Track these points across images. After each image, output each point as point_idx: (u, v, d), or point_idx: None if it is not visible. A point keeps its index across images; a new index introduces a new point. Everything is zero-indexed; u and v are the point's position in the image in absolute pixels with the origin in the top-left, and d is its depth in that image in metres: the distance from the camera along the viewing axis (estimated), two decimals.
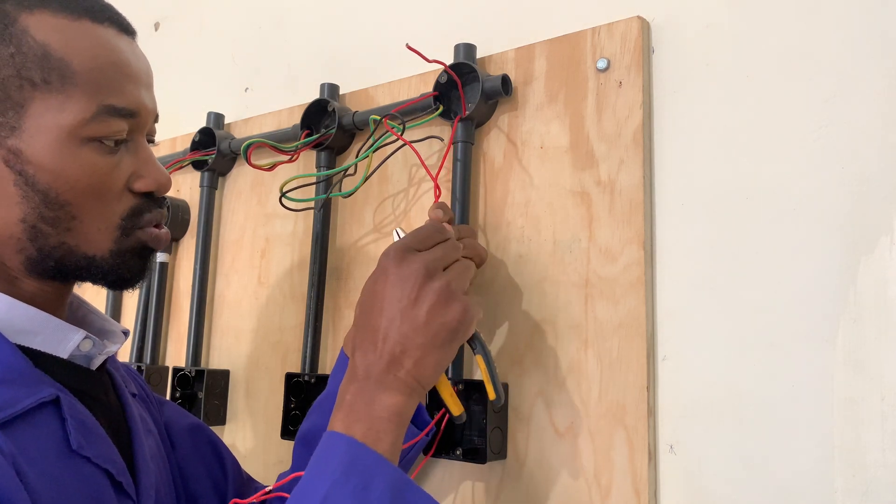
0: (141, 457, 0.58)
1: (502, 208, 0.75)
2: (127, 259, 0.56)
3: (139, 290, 1.07)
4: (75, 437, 0.50)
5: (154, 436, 0.64)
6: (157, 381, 1.01)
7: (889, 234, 0.57)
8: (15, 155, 0.51)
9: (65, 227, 0.53)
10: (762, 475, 0.59)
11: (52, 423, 0.50)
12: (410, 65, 0.84)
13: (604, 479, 0.64)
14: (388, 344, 0.55)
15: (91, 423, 0.53)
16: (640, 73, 0.68)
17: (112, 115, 0.53)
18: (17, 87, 0.50)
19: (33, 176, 0.51)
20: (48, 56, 0.51)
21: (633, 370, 0.64)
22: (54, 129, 0.51)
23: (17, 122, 0.51)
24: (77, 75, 0.52)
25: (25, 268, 0.54)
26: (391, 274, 0.57)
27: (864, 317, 0.57)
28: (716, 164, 0.65)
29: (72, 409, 0.52)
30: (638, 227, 0.66)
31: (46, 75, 0.51)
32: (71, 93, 0.51)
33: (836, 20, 0.61)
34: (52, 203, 0.52)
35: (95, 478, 0.51)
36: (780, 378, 0.59)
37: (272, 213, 0.96)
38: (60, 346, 0.55)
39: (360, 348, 0.57)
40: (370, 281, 0.59)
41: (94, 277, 0.56)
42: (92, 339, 0.57)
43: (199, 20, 1.20)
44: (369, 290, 0.58)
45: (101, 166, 0.53)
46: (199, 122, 1.03)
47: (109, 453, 0.53)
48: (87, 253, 0.54)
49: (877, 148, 0.58)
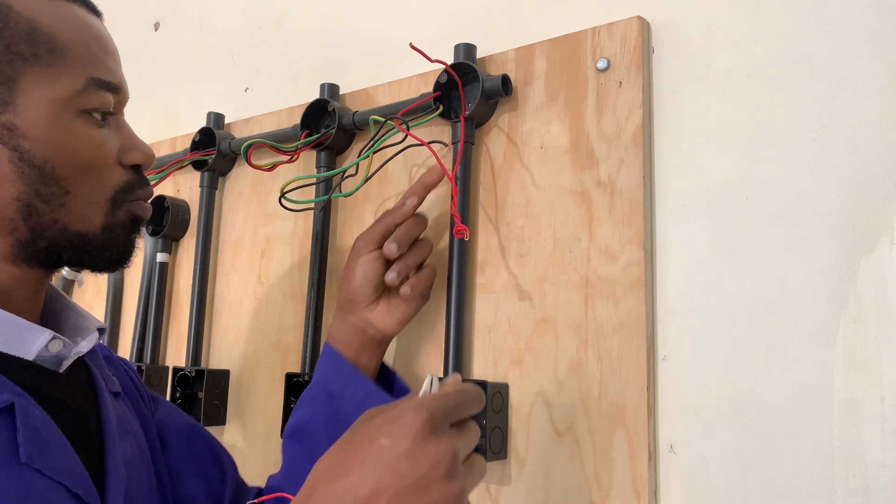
0: (112, 462, 0.55)
1: (502, 208, 0.75)
2: (117, 234, 0.56)
3: (139, 290, 1.08)
4: (25, 448, 0.47)
5: (135, 436, 0.61)
6: (157, 381, 1.01)
7: (889, 234, 0.57)
8: (9, 130, 0.50)
9: (59, 202, 0.53)
10: (762, 475, 0.59)
11: (2, 433, 0.47)
12: (410, 65, 0.84)
13: (604, 479, 0.64)
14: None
15: (49, 431, 0.50)
16: (640, 73, 0.68)
17: (100, 88, 0.54)
18: (7, 62, 0.50)
19: (29, 151, 0.51)
20: (35, 30, 0.51)
21: (633, 370, 0.64)
22: (47, 102, 0.51)
23: (9, 98, 0.50)
24: (64, 49, 0.52)
25: (13, 252, 0.53)
26: (409, 442, 0.44)
27: (864, 317, 0.57)
28: (716, 164, 0.65)
29: (27, 417, 0.49)
30: (638, 227, 0.66)
31: (35, 49, 0.51)
32: (61, 66, 0.52)
33: (836, 20, 0.61)
34: (48, 178, 0.52)
35: (49, 491, 0.48)
36: (780, 378, 0.59)
37: (272, 213, 0.96)
38: (24, 347, 0.52)
39: (318, 499, 0.43)
40: (377, 424, 0.45)
41: (84, 256, 0.55)
42: (61, 339, 0.54)
43: (199, 20, 1.20)
44: (370, 436, 0.45)
45: (94, 138, 0.54)
46: (199, 122, 1.04)
47: (67, 463, 0.50)
48: (79, 230, 0.54)
49: (877, 148, 0.58)
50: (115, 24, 0.66)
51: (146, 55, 1.28)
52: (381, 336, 0.73)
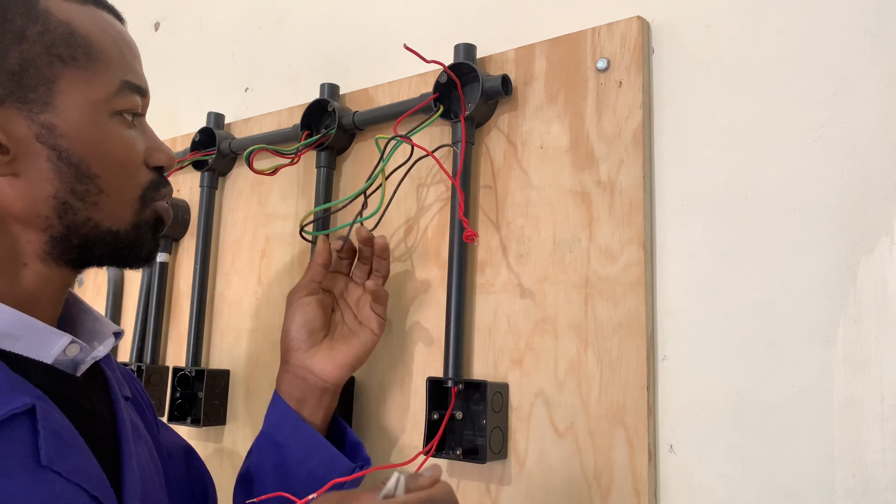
0: (128, 465, 0.56)
1: (502, 208, 0.75)
2: (144, 232, 0.58)
3: (139, 290, 1.08)
4: (46, 451, 0.48)
5: (146, 442, 0.62)
6: (157, 381, 1.01)
7: (889, 234, 0.57)
8: (48, 130, 0.52)
9: (93, 200, 0.54)
10: (762, 475, 0.59)
11: (23, 436, 0.48)
12: (410, 65, 0.84)
13: (604, 479, 0.64)
14: None
15: (69, 434, 0.51)
16: (640, 73, 0.68)
17: (132, 91, 0.56)
18: (46, 64, 0.52)
19: (67, 150, 0.53)
20: (73, 34, 0.53)
21: (633, 370, 0.64)
22: (84, 103, 0.53)
23: (48, 98, 0.52)
24: (100, 52, 0.54)
25: (46, 249, 0.54)
26: None
27: (864, 317, 0.57)
28: (716, 164, 0.65)
29: (47, 420, 0.49)
30: (638, 227, 0.66)
31: (73, 52, 0.53)
32: (96, 69, 0.54)
33: (836, 20, 0.61)
34: (83, 176, 0.53)
35: (69, 494, 0.49)
36: (780, 378, 0.59)
37: (272, 213, 0.96)
38: (43, 350, 0.53)
39: None
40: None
41: (115, 254, 0.57)
42: (79, 343, 0.55)
43: (199, 20, 1.20)
44: None
45: (126, 139, 0.56)
46: (199, 122, 1.04)
47: (85, 466, 0.51)
48: (111, 227, 0.55)
49: (877, 148, 0.58)
50: None
51: (146, 55, 1.27)
52: (324, 384, 0.72)
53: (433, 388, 0.71)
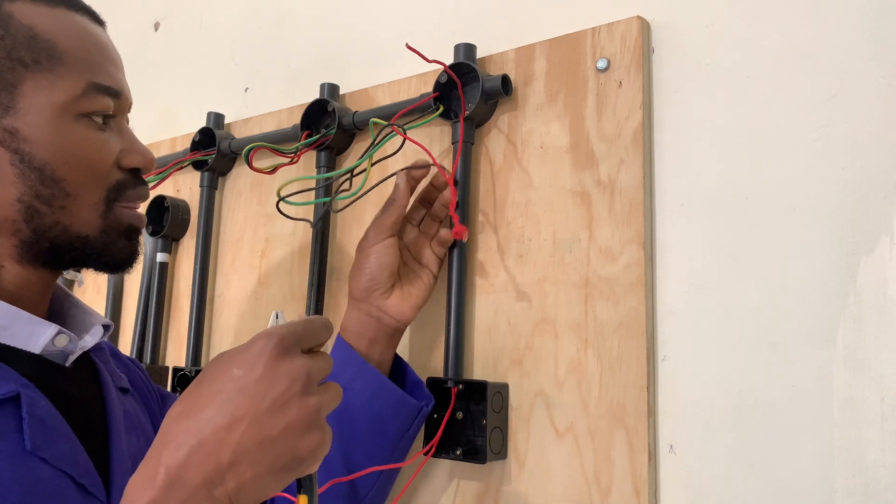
0: (117, 455, 0.56)
1: (502, 208, 0.75)
2: (115, 239, 0.57)
3: (139, 290, 1.08)
4: (31, 437, 0.49)
5: (143, 431, 0.62)
6: (156, 381, 1.01)
7: (889, 234, 0.57)
8: (11, 134, 0.52)
9: (59, 204, 0.54)
10: (762, 475, 0.59)
11: (8, 422, 0.49)
12: (410, 65, 0.84)
13: (604, 479, 0.64)
14: (221, 448, 0.42)
15: (55, 421, 0.51)
16: (640, 73, 0.68)
17: (99, 93, 0.55)
18: (8, 69, 0.52)
19: (30, 153, 0.52)
20: (36, 37, 0.53)
21: (633, 370, 0.64)
22: (48, 106, 0.53)
23: (10, 103, 0.52)
24: (64, 55, 0.54)
25: (19, 252, 0.54)
26: (263, 366, 0.44)
27: (864, 317, 0.57)
28: (716, 164, 0.65)
29: (32, 407, 0.50)
30: (638, 227, 0.66)
31: (36, 56, 0.53)
32: (60, 72, 0.54)
33: (836, 20, 0.61)
34: (47, 180, 0.53)
35: (53, 480, 0.49)
36: (780, 378, 0.59)
37: (272, 213, 0.96)
38: (31, 340, 0.54)
39: (174, 440, 0.42)
40: (227, 358, 0.46)
41: (88, 259, 0.57)
42: (67, 334, 0.56)
43: (199, 20, 1.20)
44: (222, 369, 0.45)
45: (93, 141, 0.55)
46: (199, 122, 1.04)
47: (72, 453, 0.51)
48: (80, 233, 0.55)
49: (877, 148, 0.58)
50: (115, 24, 0.66)
51: (146, 55, 1.28)
52: (397, 324, 0.72)
53: (433, 388, 0.71)
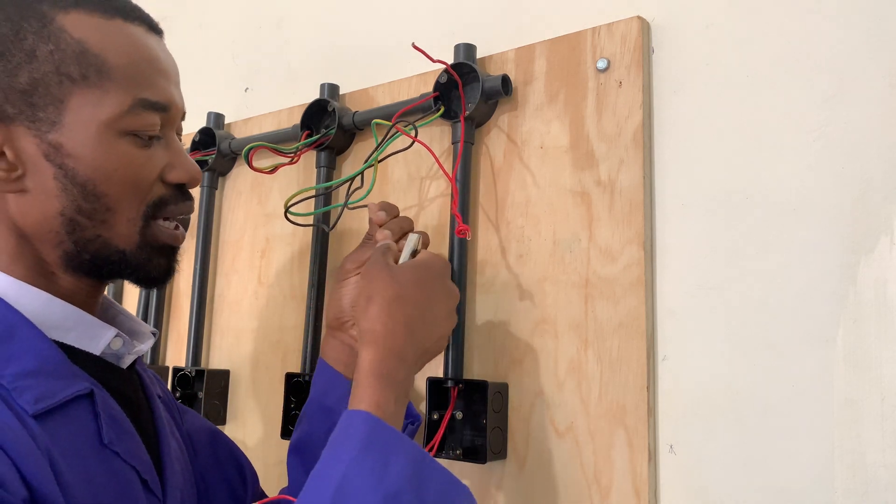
0: (167, 457, 0.58)
1: (502, 208, 0.75)
2: (153, 256, 0.58)
3: (139, 290, 1.08)
4: (107, 431, 0.51)
5: (177, 439, 0.65)
6: None
7: (889, 234, 0.57)
8: (55, 149, 0.52)
9: (100, 219, 0.55)
10: (762, 475, 0.59)
11: (85, 417, 0.51)
12: (410, 65, 0.84)
13: (604, 479, 0.64)
14: (425, 337, 0.60)
15: (122, 419, 0.54)
16: (640, 73, 0.68)
17: (146, 109, 0.55)
18: (56, 84, 0.52)
19: (73, 169, 0.53)
20: (85, 52, 0.53)
21: (633, 370, 0.64)
22: (93, 122, 0.53)
23: (56, 118, 0.52)
24: (113, 70, 0.54)
25: (63, 262, 0.55)
26: (446, 281, 0.64)
27: (864, 317, 0.57)
28: (716, 164, 0.65)
29: (104, 404, 0.53)
30: (638, 227, 0.66)
31: (84, 71, 0.53)
32: (108, 87, 0.53)
33: (836, 20, 0.61)
34: (89, 195, 0.54)
35: (124, 473, 0.52)
36: (780, 378, 0.59)
37: (272, 213, 0.96)
38: (93, 342, 0.56)
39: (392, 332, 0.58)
40: (423, 268, 0.63)
41: (125, 273, 0.58)
42: (123, 337, 0.58)
43: (199, 20, 1.20)
44: (422, 277, 0.62)
45: (136, 158, 0.55)
46: (199, 122, 1.03)
47: (138, 450, 0.54)
48: (118, 247, 0.56)
49: (877, 148, 0.58)
50: None
51: None
52: None
53: (433, 388, 0.71)
